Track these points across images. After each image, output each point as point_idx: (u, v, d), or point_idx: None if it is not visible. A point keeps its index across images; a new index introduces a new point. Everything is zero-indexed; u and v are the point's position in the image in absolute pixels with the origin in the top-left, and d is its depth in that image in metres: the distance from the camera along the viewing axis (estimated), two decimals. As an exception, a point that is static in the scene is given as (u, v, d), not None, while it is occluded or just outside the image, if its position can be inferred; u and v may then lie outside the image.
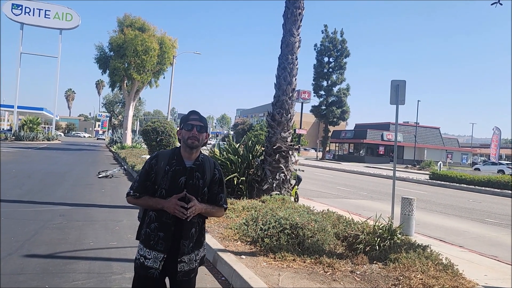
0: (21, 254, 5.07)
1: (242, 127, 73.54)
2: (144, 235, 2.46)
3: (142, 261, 2.42)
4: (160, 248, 2.39)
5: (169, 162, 2.48)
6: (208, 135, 2.57)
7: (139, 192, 2.48)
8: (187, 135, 2.46)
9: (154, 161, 2.51)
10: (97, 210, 8.42)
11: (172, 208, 2.34)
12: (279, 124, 9.21)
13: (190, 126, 2.47)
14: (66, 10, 44.80)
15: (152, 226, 2.44)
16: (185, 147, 2.50)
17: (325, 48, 48.97)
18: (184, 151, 2.52)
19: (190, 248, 2.44)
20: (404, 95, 8.53)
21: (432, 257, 5.00)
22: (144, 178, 2.49)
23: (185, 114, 2.58)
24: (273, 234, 5.48)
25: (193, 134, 2.45)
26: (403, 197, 7.61)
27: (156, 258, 2.39)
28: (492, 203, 15.34)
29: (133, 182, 2.55)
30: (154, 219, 2.44)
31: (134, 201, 2.51)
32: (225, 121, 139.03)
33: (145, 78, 32.98)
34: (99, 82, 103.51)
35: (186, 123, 2.49)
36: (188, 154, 2.50)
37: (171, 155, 2.52)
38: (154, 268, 2.39)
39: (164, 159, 2.50)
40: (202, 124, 2.50)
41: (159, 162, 2.49)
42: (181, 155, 2.51)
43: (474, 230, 9.34)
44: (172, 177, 2.44)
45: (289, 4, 9.28)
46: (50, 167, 16.92)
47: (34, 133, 42.16)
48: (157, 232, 2.41)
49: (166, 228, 2.41)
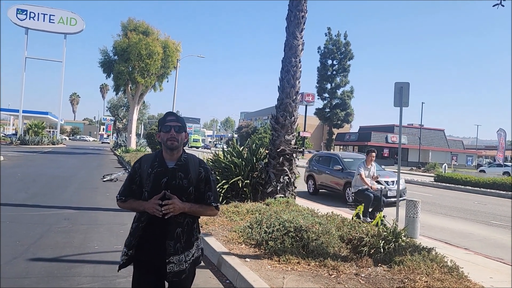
0: (26, 258, 5.10)
1: (246, 130, 73.62)
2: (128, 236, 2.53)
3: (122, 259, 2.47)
4: (127, 243, 2.45)
5: (152, 165, 2.51)
6: (187, 135, 2.59)
7: (125, 196, 2.54)
8: (165, 136, 2.49)
9: (137, 164, 2.58)
10: (102, 213, 8.45)
11: (151, 208, 2.36)
12: (283, 127, 9.21)
13: (168, 127, 2.50)
14: (71, 14, 45.06)
15: (133, 225, 2.51)
16: (166, 149, 2.53)
17: (329, 50, 49.02)
18: (165, 152, 2.55)
19: (177, 248, 2.41)
20: (408, 97, 8.51)
21: (437, 259, 4.97)
22: (129, 182, 2.56)
23: (162, 117, 2.60)
24: (277, 237, 5.48)
25: (171, 135, 2.48)
26: (407, 200, 7.58)
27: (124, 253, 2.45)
28: (498, 205, 15.24)
29: (121, 186, 2.61)
30: (135, 219, 2.53)
31: (122, 204, 2.57)
32: (229, 124, 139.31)
33: (149, 81, 33.07)
34: (103, 86, 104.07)
35: (163, 125, 2.52)
36: (170, 155, 2.53)
37: (153, 157, 2.57)
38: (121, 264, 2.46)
39: (147, 162, 2.55)
40: (180, 124, 2.53)
41: (142, 166, 2.54)
42: (163, 156, 2.55)
43: (479, 232, 9.29)
44: (154, 178, 2.46)
45: (292, 7, 9.30)
46: (55, 171, 17.01)
47: (39, 137, 42.38)
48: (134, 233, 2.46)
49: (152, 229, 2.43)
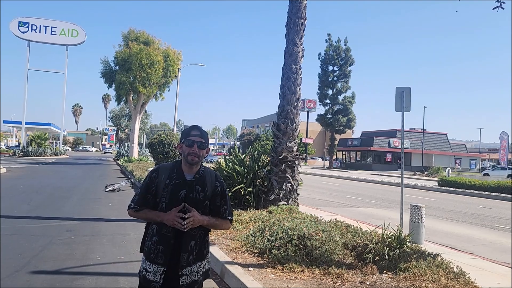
0: (28, 271, 5.06)
1: (248, 137, 73.55)
2: (146, 247, 2.47)
3: (144, 274, 2.42)
4: (160, 261, 2.38)
5: (170, 176, 2.48)
6: (208, 150, 2.56)
7: (140, 205, 2.49)
8: (187, 150, 2.46)
9: (155, 174, 2.52)
10: (104, 224, 8.42)
11: (171, 220, 2.34)
12: (284, 134, 9.19)
13: (191, 142, 2.46)
14: (72, 26, 45.48)
15: (153, 239, 2.44)
16: (185, 162, 2.50)
17: (329, 57, 49.08)
18: (184, 165, 2.52)
19: (190, 260, 2.42)
20: (409, 101, 8.49)
21: (443, 265, 4.91)
22: (144, 191, 2.50)
23: (187, 128, 2.57)
24: (280, 245, 5.42)
25: (193, 151, 2.45)
26: (411, 205, 7.52)
27: (157, 272, 2.38)
28: (503, 208, 15.13)
29: (134, 195, 2.57)
30: (155, 232, 2.44)
31: (135, 214, 2.52)
32: (231, 132, 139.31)
33: (151, 91, 33.21)
34: (105, 96, 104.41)
35: (187, 139, 2.48)
36: (188, 168, 2.50)
37: (171, 168, 2.52)
38: (155, 282, 2.37)
39: (165, 172, 2.50)
40: (203, 141, 2.49)
41: (160, 176, 2.50)
42: (181, 168, 2.51)
43: (485, 236, 9.20)
44: (172, 190, 2.44)
45: (291, 14, 9.33)
46: (58, 182, 17.01)
47: (42, 149, 42.54)
48: (157, 246, 2.41)
49: (166, 241, 2.40)
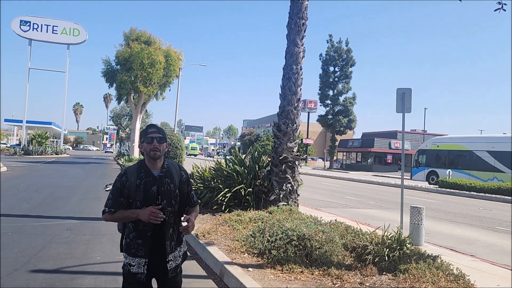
0: (28, 269, 5.06)
1: (249, 137, 73.67)
2: (126, 245, 2.69)
3: (128, 269, 2.63)
4: (141, 254, 2.61)
5: (139, 176, 2.66)
6: (168, 145, 2.79)
7: (114, 208, 2.66)
8: (148, 147, 2.65)
9: (124, 178, 2.68)
10: (104, 223, 8.40)
11: (147, 216, 2.52)
12: (285, 134, 9.19)
13: (150, 139, 2.66)
14: (73, 25, 45.49)
15: (131, 235, 2.66)
16: (149, 159, 2.69)
17: (330, 57, 49.10)
18: (148, 162, 2.71)
19: (172, 246, 2.70)
20: (410, 103, 8.48)
21: (443, 267, 4.90)
22: (117, 195, 2.67)
23: (144, 129, 2.76)
24: (280, 246, 5.42)
25: (154, 146, 2.65)
26: (412, 206, 7.51)
27: (140, 264, 2.61)
28: (503, 210, 15.11)
29: (107, 200, 2.72)
30: (131, 229, 2.66)
31: (111, 217, 2.68)
32: (232, 132, 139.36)
33: (152, 90, 33.21)
34: (106, 96, 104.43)
35: (146, 137, 2.67)
36: (153, 164, 2.70)
37: (138, 169, 2.71)
38: (140, 273, 2.61)
39: (133, 174, 2.68)
40: (161, 135, 2.69)
41: (129, 178, 2.66)
42: (147, 166, 2.71)
43: (485, 238, 9.19)
44: (144, 188, 2.63)
45: (292, 14, 9.32)
46: (58, 181, 17.02)
47: (42, 147, 42.60)
48: (135, 240, 2.63)
49: (143, 235, 2.62)
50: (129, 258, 2.63)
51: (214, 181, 9.78)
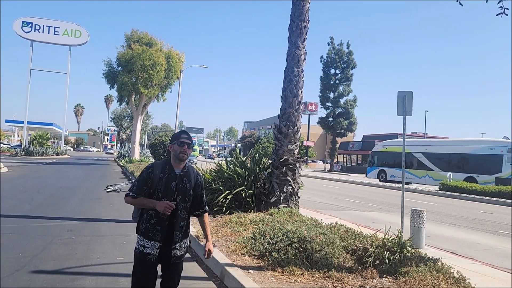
0: (29, 270, 5.07)
1: (249, 139, 73.65)
2: (144, 229, 3.02)
3: (142, 249, 2.98)
4: (157, 239, 2.98)
5: (163, 171, 3.08)
6: (191, 150, 3.20)
7: (137, 194, 3.04)
8: (179, 150, 3.08)
9: (151, 170, 3.10)
10: (105, 224, 8.42)
11: (163, 207, 2.90)
12: (286, 136, 9.19)
13: (182, 143, 3.09)
14: (75, 27, 45.60)
15: (151, 221, 3.00)
16: (176, 159, 3.12)
17: (331, 60, 49.16)
18: (174, 161, 3.13)
19: (179, 237, 3.07)
20: (411, 106, 8.49)
21: (444, 270, 4.90)
22: (142, 183, 3.06)
23: (177, 132, 3.22)
24: (281, 248, 5.43)
25: (184, 150, 3.08)
26: (412, 209, 7.51)
27: (154, 246, 2.98)
28: (504, 213, 15.09)
29: (132, 186, 3.11)
30: (152, 216, 3.01)
31: (132, 200, 3.06)
32: (232, 134, 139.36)
33: (153, 92, 33.26)
34: (108, 97, 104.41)
35: (178, 140, 3.10)
36: (178, 164, 3.13)
37: (163, 165, 3.12)
38: (152, 254, 2.97)
39: (158, 168, 3.10)
40: (190, 142, 3.14)
41: (155, 171, 3.08)
42: (172, 165, 3.12)
43: (486, 241, 9.18)
44: (165, 182, 3.04)
45: (294, 17, 9.34)
46: (59, 181, 17.03)
47: (43, 148, 42.59)
48: (155, 226, 2.99)
49: (162, 222, 2.99)
50: (145, 240, 2.99)
51: (215, 183, 9.78)
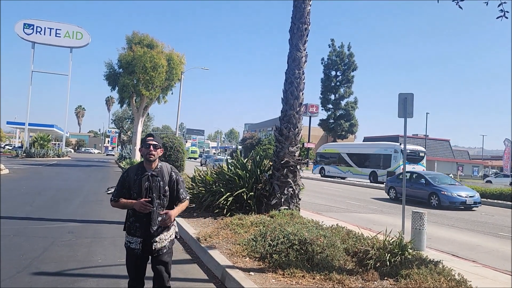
0: (30, 272, 5.08)
1: (250, 141, 73.53)
2: (127, 227, 3.42)
3: (129, 245, 3.38)
4: (138, 234, 3.35)
5: (136, 173, 3.42)
6: (162, 150, 3.50)
7: (117, 197, 3.40)
8: (146, 152, 3.40)
9: (126, 174, 3.49)
10: (106, 226, 8.43)
11: (138, 206, 3.25)
12: (286, 138, 9.20)
13: (147, 145, 3.40)
14: (77, 29, 45.67)
15: (131, 219, 3.40)
16: (146, 161, 3.45)
17: (332, 62, 49.22)
18: (145, 163, 3.46)
19: (158, 231, 3.36)
20: (412, 108, 8.49)
21: (445, 272, 4.90)
22: (120, 187, 3.43)
23: (144, 137, 3.52)
24: (281, 250, 5.43)
25: (150, 151, 3.39)
26: (413, 211, 7.50)
27: (136, 242, 3.35)
28: (505, 216, 15.06)
29: (113, 190, 3.46)
30: (131, 214, 3.40)
31: (115, 204, 3.41)
32: (233, 135, 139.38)
33: (154, 94, 33.25)
34: (109, 99, 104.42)
35: (145, 143, 3.41)
36: (148, 165, 3.45)
37: (137, 167, 3.48)
38: (137, 249, 3.34)
39: (133, 171, 3.45)
40: (156, 143, 3.42)
41: (130, 174, 3.44)
42: (144, 166, 3.45)
43: (487, 244, 9.16)
44: (139, 183, 3.37)
45: (295, 19, 9.35)
46: (60, 183, 17.05)
47: (44, 150, 42.65)
48: (134, 223, 3.37)
49: (140, 220, 3.34)
50: (129, 237, 3.39)
51: (215, 185, 9.78)
